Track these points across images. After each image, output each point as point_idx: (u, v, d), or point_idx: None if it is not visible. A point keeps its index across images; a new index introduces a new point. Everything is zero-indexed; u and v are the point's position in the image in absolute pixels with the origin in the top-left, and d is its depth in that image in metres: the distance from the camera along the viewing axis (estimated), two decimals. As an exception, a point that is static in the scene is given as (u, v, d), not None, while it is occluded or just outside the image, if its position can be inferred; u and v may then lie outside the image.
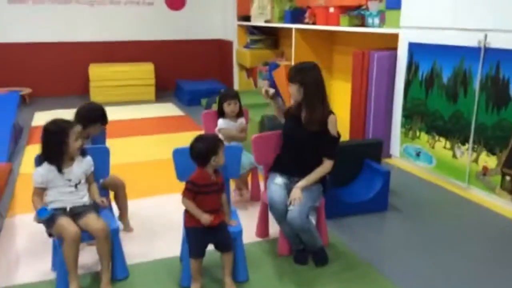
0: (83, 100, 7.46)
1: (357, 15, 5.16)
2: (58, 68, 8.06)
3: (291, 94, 2.72)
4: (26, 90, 7.56)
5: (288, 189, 2.65)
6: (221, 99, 3.53)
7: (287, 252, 2.81)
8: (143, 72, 7.87)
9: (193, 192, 2.36)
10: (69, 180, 2.45)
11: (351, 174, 3.57)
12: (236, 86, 8.34)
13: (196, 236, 2.38)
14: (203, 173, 2.40)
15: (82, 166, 2.51)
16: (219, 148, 2.41)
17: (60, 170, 2.40)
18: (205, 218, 2.35)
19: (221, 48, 8.80)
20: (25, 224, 3.16)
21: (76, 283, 2.37)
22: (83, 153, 2.52)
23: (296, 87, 2.67)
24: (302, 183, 2.63)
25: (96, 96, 7.61)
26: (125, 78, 7.74)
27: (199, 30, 8.73)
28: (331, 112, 2.69)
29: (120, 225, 3.13)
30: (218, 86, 7.55)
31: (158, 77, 8.05)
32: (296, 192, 2.58)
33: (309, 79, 2.66)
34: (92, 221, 2.40)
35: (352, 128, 5.00)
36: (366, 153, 3.60)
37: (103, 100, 7.53)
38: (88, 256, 2.71)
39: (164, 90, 8.24)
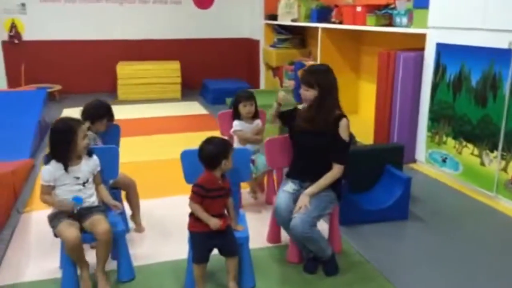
0: (111, 97, 7.63)
1: (384, 14, 5.00)
2: (87, 66, 8.19)
3: (303, 96, 2.64)
4: (56, 87, 7.71)
5: (298, 196, 2.57)
6: (237, 100, 3.47)
7: (297, 259, 2.72)
8: (170, 71, 7.89)
9: (200, 196, 2.30)
10: (77, 178, 2.43)
11: (370, 180, 3.44)
12: (262, 86, 8.27)
13: (200, 241, 2.32)
14: (211, 176, 2.34)
15: (89, 164, 2.49)
16: (230, 152, 2.36)
17: (66, 168, 2.39)
18: (214, 223, 2.29)
19: (248, 47, 8.74)
20: (40, 221, 3.17)
21: (87, 272, 2.41)
22: (89, 152, 2.50)
23: (309, 89, 2.59)
24: (310, 189, 2.55)
25: (123, 93, 7.71)
26: (151, 76, 7.79)
27: (226, 29, 8.70)
28: (343, 116, 2.60)
29: (131, 225, 3.12)
30: (243, 85, 7.50)
31: (185, 76, 8.06)
32: (303, 199, 2.50)
33: (323, 81, 2.58)
34: (96, 222, 2.37)
35: (377, 131, 4.85)
36: (386, 158, 3.46)
37: (129, 97, 7.65)
38: (92, 257, 2.68)
39: (191, 89, 8.25)
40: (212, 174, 2.35)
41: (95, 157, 2.53)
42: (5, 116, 4.99)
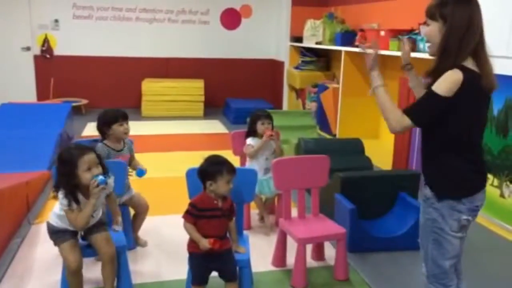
0: (135, 113, 7.72)
1: (408, 39, 4.93)
2: (114, 81, 8.35)
3: (429, 37, 1.90)
4: (83, 101, 7.89)
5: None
6: (255, 118, 3.46)
7: (301, 284, 2.64)
8: (193, 89, 7.98)
9: (193, 215, 2.25)
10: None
11: (383, 207, 3.34)
12: (284, 107, 8.27)
13: (198, 263, 2.28)
14: (205, 196, 2.29)
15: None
16: (219, 175, 2.24)
17: (76, 201, 2.22)
18: (203, 244, 2.21)
19: (273, 68, 8.78)
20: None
21: None
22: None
23: (430, 22, 1.87)
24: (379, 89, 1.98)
25: (147, 110, 7.82)
26: (175, 93, 7.88)
27: (252, 49, 8.76)
28: (455, 67, 1.78)
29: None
30: (266, 105, 7.49)
31: (209, 94, 8.13)
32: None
33: (454, 15, 1.80)
34: (101, 241, 2.34)
35: (396, 157, 4.74)
36: (401, 186, 3.36)
37: (153, 114, 7.76)
38: (95, 271, 2.67)
39: (214, 107, 8.31)
40: (206, 193, 2.29)
41: (109, 180, 2.33)
42: (29, 128, 5.12)
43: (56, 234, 2.36)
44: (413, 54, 4.68)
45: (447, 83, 1.77)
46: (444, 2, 1.83)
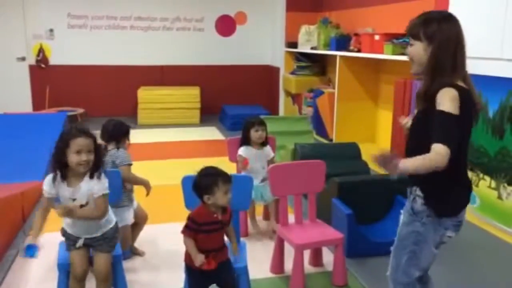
0: (132, 121, 7.70)
1: (402, 43, 4.95)
2: (109, 90, 8.34)
3: (414, 56, 1.87)
4: (78, 110, 7.86)
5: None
6: (248, 126, 3.44)
7: (299, 292, 2.63)
8: (189, 96, 7.99)
9: (192, 230, 2.18)
10: (73, 200, 2.20)
11: (380, 211, 3.33)
12: (281, 112, 8.27)
13: (196, 276, 2.23)
14: (203, 209, 2.21)
15: (90, 185, 2.21)
16: (215, 186, 2.15)
17: (58, 177, 2.18)
18: (197, 261, 2.13)
19: (268, 74, 8.79)
20: (44, 243, 3.15)
21: None
22: (95, 173, 2.22)
23: (414, 42, 1.86)
24: (404, 163, 1.71)
25: (143, 118, 7.81)
26: (171, 101, 7.89)
27: (248, 56, 8.77)
28: (447, 85, 1.76)
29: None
30: (262, 111, 7.49)
31: (206, 101, 8.14)
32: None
33: (442, 33, 1.80)
34: (100, 261, 2.30)
35: (392, 160, 4.73)
36: (398, 189, 3.35)
37: (149, 122, 7.76)
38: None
39: (211, 114, 8.30)
40: (204, 207, 2.21)
41: (104, 180, 2.25)
42: (24, 138, 5.10)
43: (66, 239, 2.34)
44: (405, 58, 4.71)
45: (451, 101, 1.73)
46: (427, 21, 1.84)
